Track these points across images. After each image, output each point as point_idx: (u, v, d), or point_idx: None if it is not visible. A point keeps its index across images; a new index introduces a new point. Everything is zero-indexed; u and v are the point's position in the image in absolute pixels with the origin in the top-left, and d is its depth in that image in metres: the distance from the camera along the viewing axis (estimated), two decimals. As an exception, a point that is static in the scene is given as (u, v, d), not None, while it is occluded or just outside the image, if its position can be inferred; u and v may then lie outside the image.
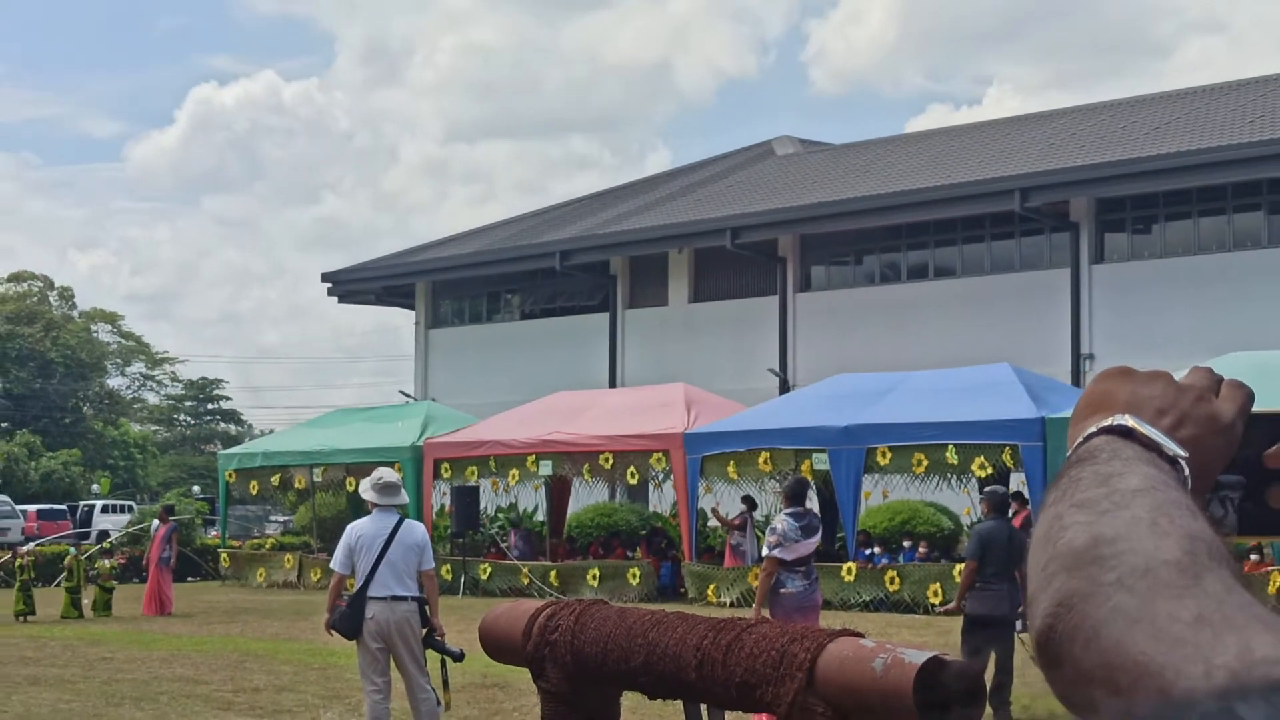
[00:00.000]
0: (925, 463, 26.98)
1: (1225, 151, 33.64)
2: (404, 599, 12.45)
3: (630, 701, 2.58)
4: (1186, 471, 1.09)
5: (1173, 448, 1.11)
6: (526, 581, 31.38)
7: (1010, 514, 27.13)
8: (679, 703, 2.48)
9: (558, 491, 34.76)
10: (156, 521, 31.88)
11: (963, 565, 14.62)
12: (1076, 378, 34.65)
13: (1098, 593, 0.92)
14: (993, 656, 14.29)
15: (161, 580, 29.53)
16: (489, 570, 32.40)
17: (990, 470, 26.28)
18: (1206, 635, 0.86)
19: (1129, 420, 1.12)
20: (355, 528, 12.81)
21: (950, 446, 26.49)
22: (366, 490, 13.08)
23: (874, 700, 2.09)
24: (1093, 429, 1.12)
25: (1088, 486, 1.03)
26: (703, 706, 2.44)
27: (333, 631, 12.78)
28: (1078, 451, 1.10)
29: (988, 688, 14.37)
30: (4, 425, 79.73)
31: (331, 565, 13.23)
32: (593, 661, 2.52)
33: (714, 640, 2.32)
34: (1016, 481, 27.31)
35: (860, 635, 2.19)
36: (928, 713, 2.02)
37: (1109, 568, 0.93)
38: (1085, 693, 0.89)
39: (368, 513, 12.94)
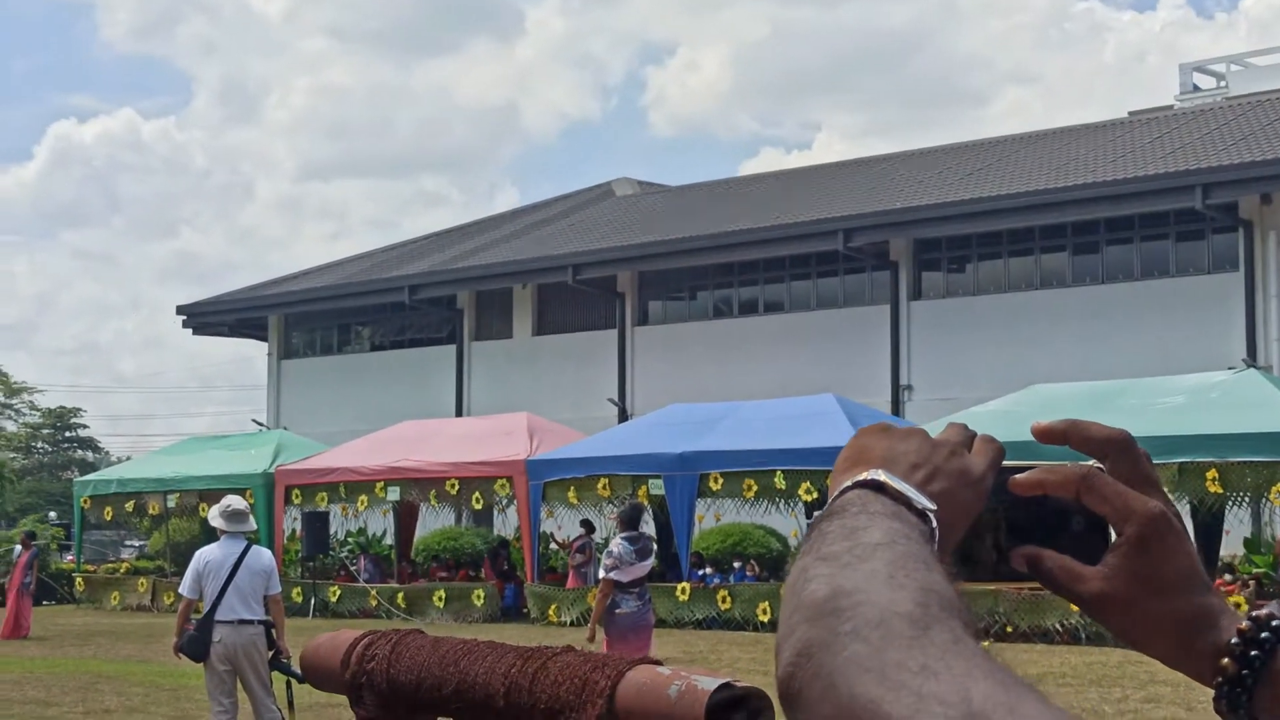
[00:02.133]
0: (755, 488, 27.18)
1: (1033, 196, 34.37)
2: (251, 622, 12.32)
3: (446, 727, 2.55)
4: (934, 524, 1.10)
5: (921, 501, 1.11)
6: (375, 604, 31.11)
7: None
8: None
9: (406, 516, 34.51)
10: (19, 547, 31.17)
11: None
12: (896, 407, 35.16)
13: (834, 642, 0.92)
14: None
15: (20, 605, 28.83)
16: (339, 593, 32.07)
17: (816, 494, 26.55)
18: (930, 683, 0.86)
19: (881, 475, 1.12)
20: (203, 554, 12.66)
21: (779, 472, 26.71)
22: (215, 517, 12.95)
23: (669, 725, 2.08)
24: (847, 483, 1.13)
25: (834, 540, 1.03)
26: (511, 733, 2.40)
27: (181, 655, 12.62)
28: (831, 505, 1.11)
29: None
30: None
31: (180, 590, 13.05)
32: (407, 689, 2.48)
33: (521, 668, 2.29)
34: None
35: (659, 663, 2.18)
36: (720, 737, 2.02)
37: (846, 618, 0.94)
38: None
39: (218, 539, 12.80)
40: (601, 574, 14.97)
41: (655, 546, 16.71)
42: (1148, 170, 33.95)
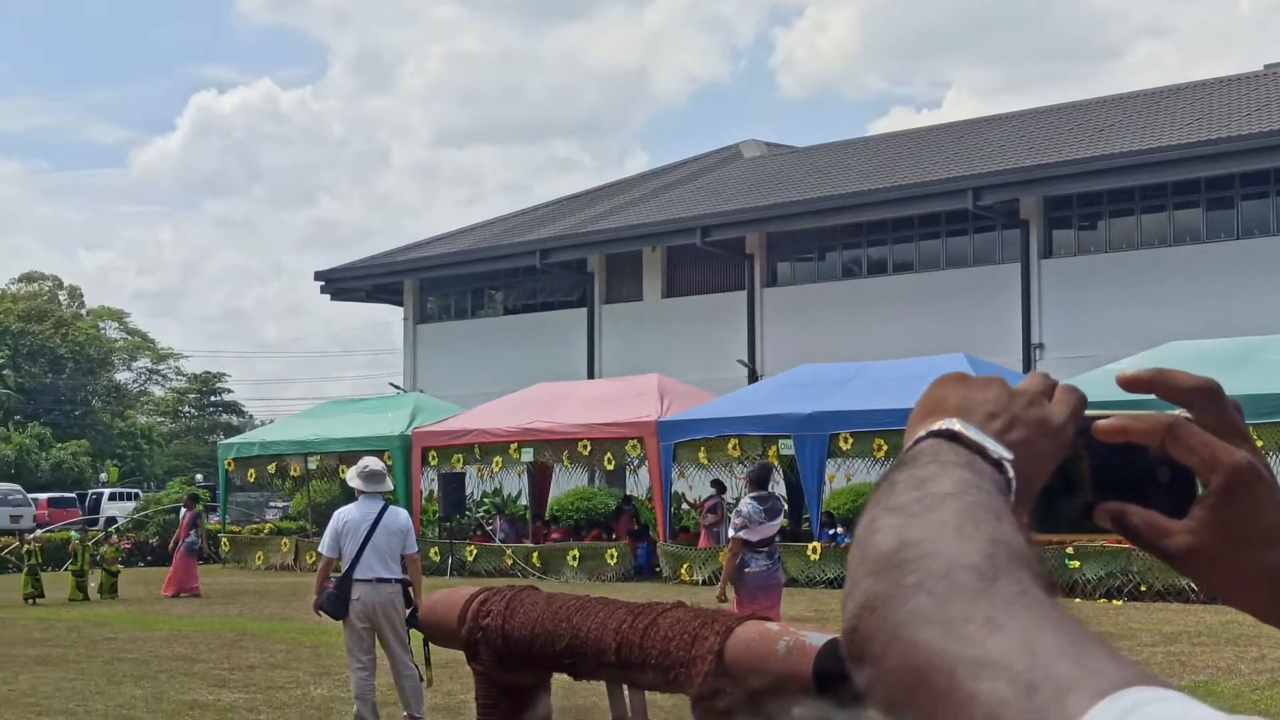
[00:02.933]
0: (885, 447, 27.00)
1: (1166, 152, 33.74)
2: (388, 581, 12.46)
3: (562, 681, 2.57)
4: (1010, 474, 1.08)
5: (998, 450, 1.08)
6: (510, 563, 31.38)
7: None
8: (602, 684, 2.48)
9: (539, 477, 34.75)
10: (183, 509, 31.78)
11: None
12: (1027, 366, 34.73)
13: (899, 594, 0.91)
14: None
15: (186, 563, 29.41)
16: (474, 552, 32.41)
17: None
18: (995, 636, 0.85)
19: (955, 424, 1.10)
20: (342, 514, 12.82)
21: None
22: (352, 478, 13.10)
23: (778, 679, 2.09)
24: (921, 433, 1.11)
25: (903, 490, 1.01)
26: (623, 688, 2.43)
27: (320, 612, 12.80)
28: (903, 455, 1.09)
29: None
30: (16, 418, 79.50)
31: (319, 549, 13.24)
32: (521, 645, 2.51)
33: (632, 624, 2.31)
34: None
35: (767, 619, 2.18)
36: (826, 690, 2.01)
37: (911, 570, 0.92)
38: (886, 690, 0.88)
39: (356, 499, 12.96)
40: (730, 533, 15.00)
41: (784, 506, 16.71)
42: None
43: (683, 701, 2.23)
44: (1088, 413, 1.20)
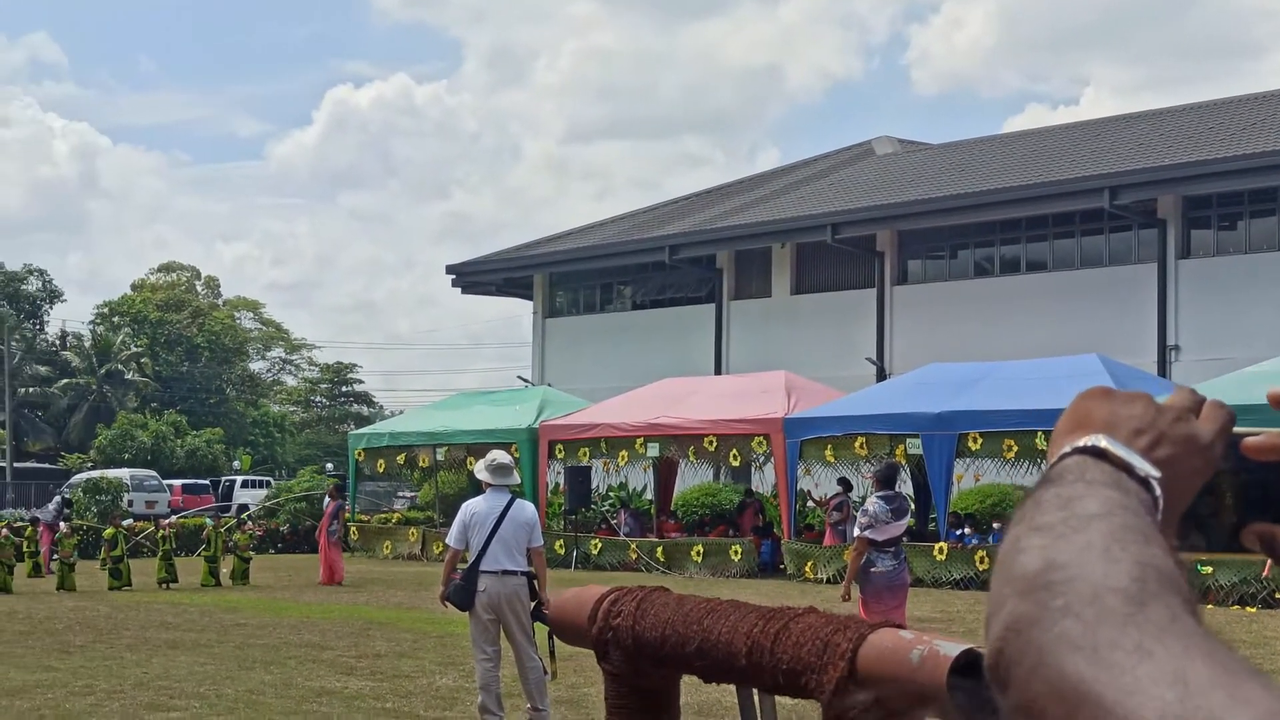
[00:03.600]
0: (1015, 448, 26.78)
1: (1310, 151, 33.12)
2: (514, 574, 12.52)
3: (689, 683, 2.57)
4: (1157, 492, 1.05)
5: (1144, 467, 1.06)
6: (635, 557, 31.48)
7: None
8: (733, 686, 2.47)
9: (665, 472, 34.82)
10: (327, 498, 32.20)
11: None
12: (1163, 369, 34.23)
13: (1045, 617, 0.89)
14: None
15: (331, 552, 29.82)
16: (599, 546, 32.53)
17: (1078, 456, 26.03)
18: (1145, 664, 0.83)
19: (1102, 440, 1.08)
20: (469, 506, 12.90)
21: (1040, 433, 26.22)
22: (481, 471, 13.17)
23: (911, 689, 2.06)
24: (1067, 449, 1.09)
25: (1048, 509, 1.00)
26: (753, 692, 2.41)
27: (447, 603, 12.88)
28: (1048, 472, 1.07)
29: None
30: (153, 405, 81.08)
31: (447, 541, 13.34)
32: (652, 646, 2.50)
33: (763, 629, 2.29)
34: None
35: (901, 627, 2.15)
36: (960, 702, 1.99)
37: (1058, 593, 0.90)
38: (1030, 715, 0.87)
39: (484, 491, 13.04)
40: (856, 532, 14.92)
41: (911, 506, 16.59)
42: None
43: (812, 707, 2.22)
44: (1236, 430, 1.18)
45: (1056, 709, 0.84)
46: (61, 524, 32.19)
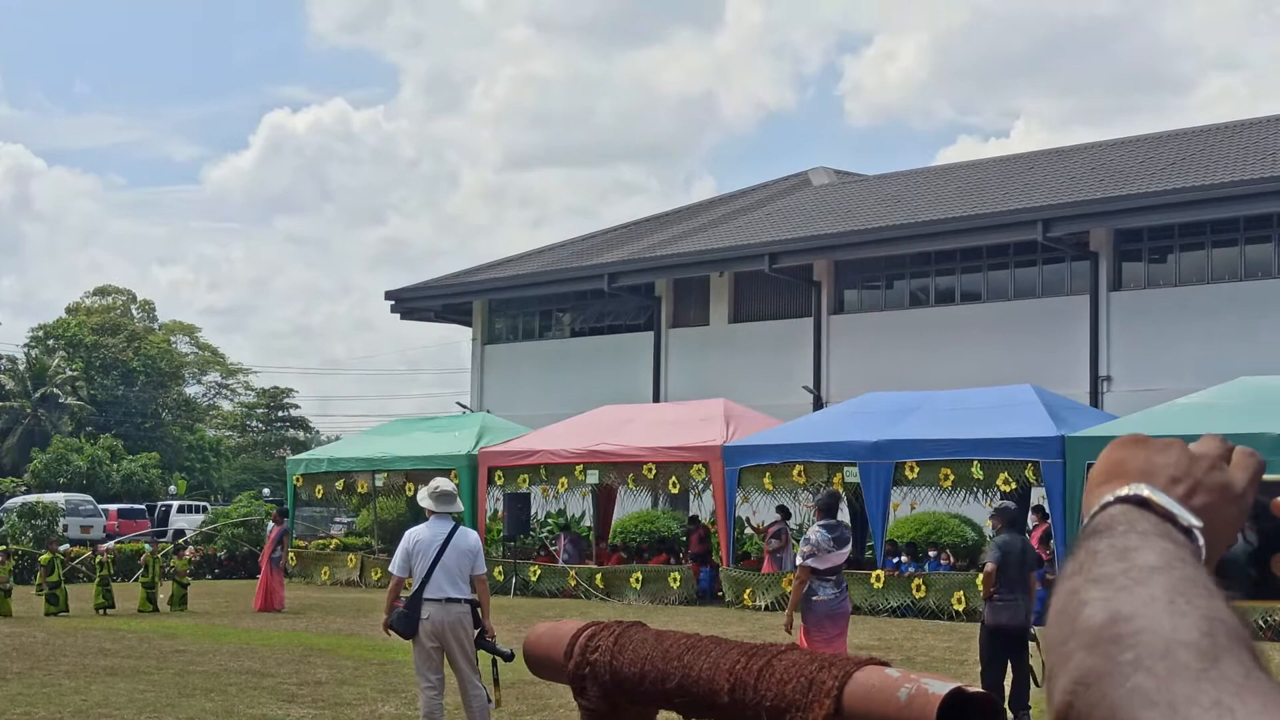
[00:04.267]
0: (952, 477, 26.90)
1: (1238, 186, 33.42)
2: (458, 601, 12.48)
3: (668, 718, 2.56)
4: (1201, 541, 1.06)
5: (1188, 518, 1.06)
6: (573, 584, 31.39)
7: (1031, 527, 27.17)
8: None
9: (604, 499, 34.77)
10: (271, 523, 31.83)
11: (983, 572, 14.60)
12: (1095, 399, 34.48)
13: (1116, 672, 0.88)
14: (1009, 664, 14.26)
15: (273, 579, 29.35)
16: (538, 573, 32.43)
17: (1014, 485, 26.20)
18: None
19: (1145, 490, 1.08)
20: (413, 533, 12.84)
21: (975, 462, 26.41)
22: (424, 498, 13.11)
23: (898, 728, 2.06)
24: (1109, 498, 1.08)
25: (1105, 561, 0.99)
26: (734, 728, 2.40)
27: (390, 631, 12.83)
28: (1094, 521, 1.06)
29: (1007, 701, 14.34)
30: (88, 429, 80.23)
31: (390, 568, 13.26)
32: (630, 682, 2.49)
33: (746, 665, 2.28)
34: (1037, 496, 27.22)
35: (886, 664, 2.15)
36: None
37: (1127, 646, 0.90)
38: None
39: (425, 518, 12.98)
40: (799, 561, 14.92)
41: (851, 535, 16.62)
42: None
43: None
44: (1266, 477, 1.18)
45: None
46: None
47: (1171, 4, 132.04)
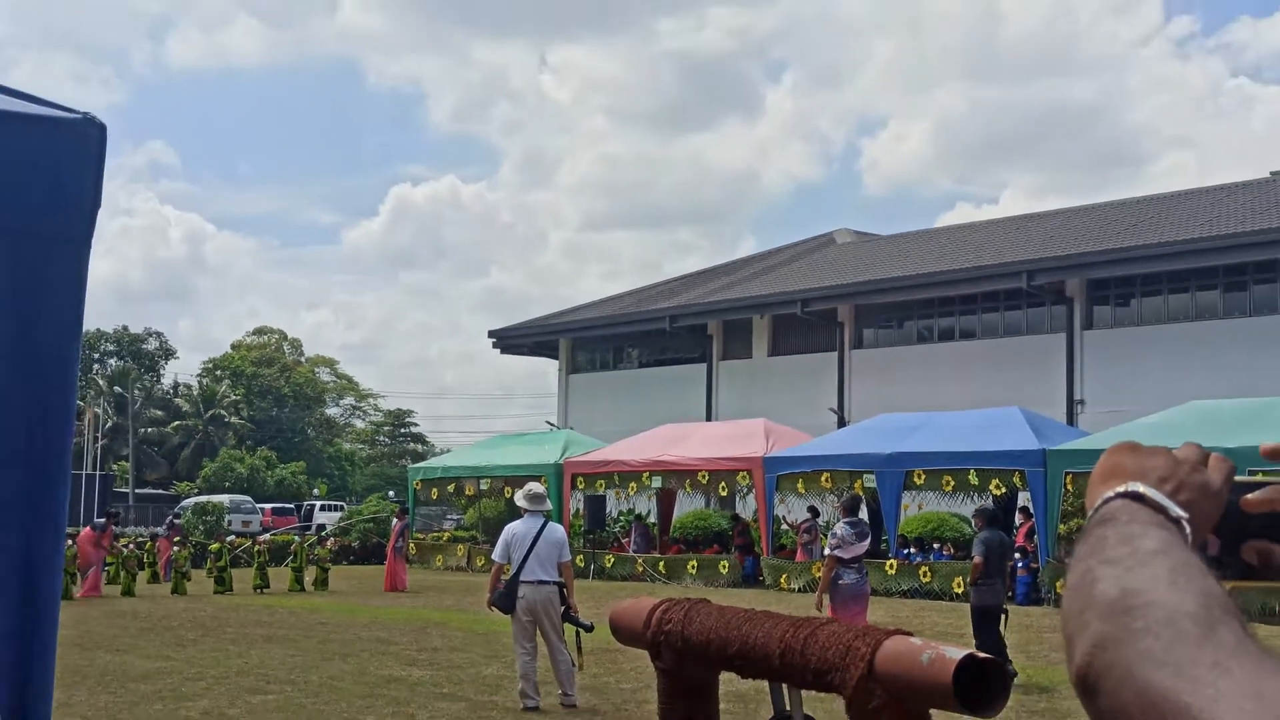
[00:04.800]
0: (952, 483, 26.69)
1: (1190, 244, 33.18)
2: (547, 583, 12.47)
3: (726, 677, 2.55)
4: (1188, 530, 1.05)
5: (1176, 511, 1.06)
6: (640, 569, 31.32)
7: (1019, 524, 26.90)
8: (765, 682, 2.44)
9: (665, 500, 34.68)
10: (395, 519, 31.95)
11: (972, 563, 14.48)
12: (1070, 419, 34.14)
13: (1128, 637, 0.88)
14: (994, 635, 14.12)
15: (397, 565, 29.44)
16: (612, 560, 32.38)
17: (1004, 490, 25.97)
18: (1224, 679, 0.82)
19: (1140, 487, 1.07)
20: (511, 528, 12.85)
21: (972, 470, 26.19)
22: (520, 499, 13.12)
23: (921, 687, 2.05)
24: (1110, 493, 1.08)
25: (1113, 546, 0.98)
26: (784, 686, 2.39)
27: (492, 607, 12.83)
28: (1099, 513, 1.06)
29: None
30: (248, 443, 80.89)
31: (493, 556, 13.28)
32: (698, 648, 2.48)
33: (794, 634, 2.27)
34: (1023, 499, 26.93)
35: (910, 635, 2.13)
36: (965, 700, 1.97)
37: (1137, 616, 0.89)
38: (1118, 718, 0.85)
39: (521, 515, 12.98)
40: (827, 551, 14.83)
41: (869, 530, 16.49)
42: (1289, 221, 32.56)
43: (833, 699, 2.20)
44: (1235, 479, 1.18)
45: (1146, 715, 0.83)
46: (175, 539, 32.07)
47: (1134, 94, 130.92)
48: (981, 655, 1.98)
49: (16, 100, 2.79)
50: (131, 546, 29.67)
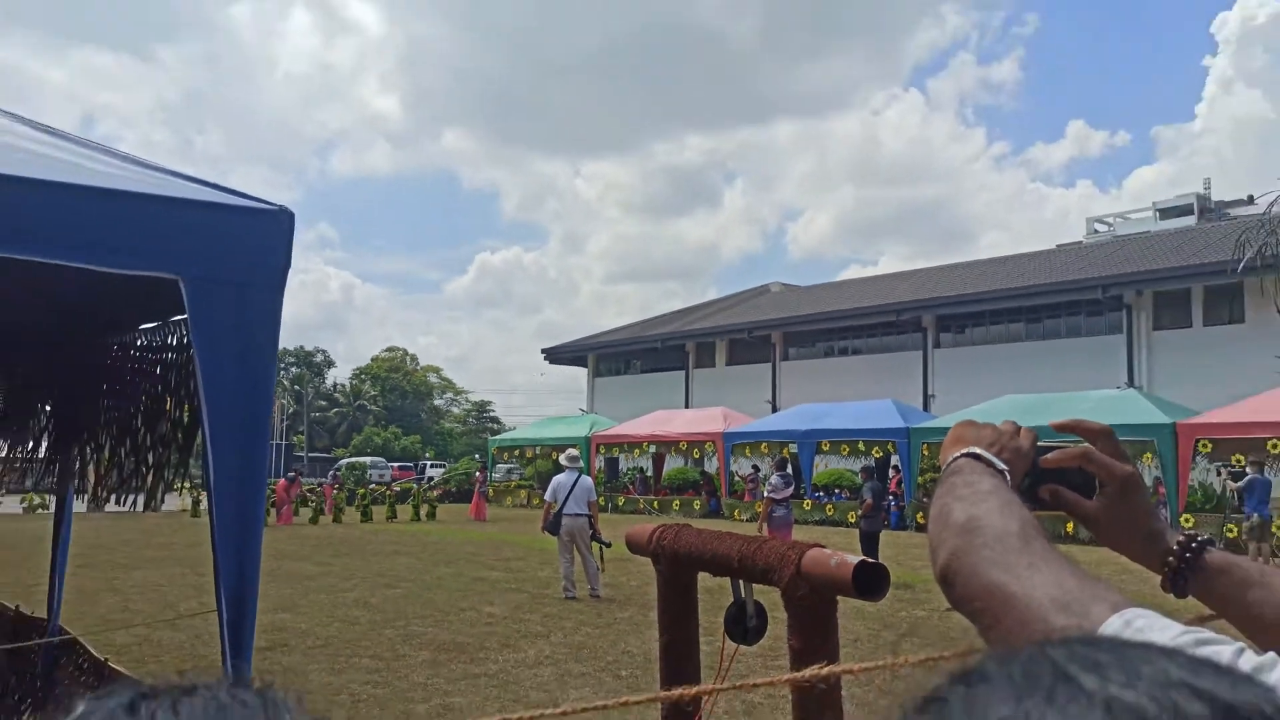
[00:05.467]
0: (847, 449, 26.58)
1: (1004, 292, 33.15)
2: (581, 515, 12.46)
3: (703, 577, 2.54)
4: (1008, 479, 1.05)
5: (1000, 465, 1.06)
6: (641, 506, 31.18)
7: (891, 476, 26.78)
8: (728, 579, 2.44)
9: (658, 461, 34.58)
10: (478, 473, 31.92)
11: (862, 504, 14.41)
12: (926, 407, 34.01)
13: (973, 548, 0.88)
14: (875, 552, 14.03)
15: (481, 502, 29.25)
16: (623, 500, 32.21)
17: (881, 454, 25.86)
18: (1036, 574, 0.82)
19: (977, 449, 1.08)
20: (557, 479, 12.85)
21: (860, 441, 26.10)
22: (563, 460, 13.13)
23: (831, 581, 2.05)
24: (957, 454, 1.08)
25: (961, 488, 0.99)
26: (740, 581, 2.39)
27: (545, 532, 12.81)
28: (949, 467, 1.06)
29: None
30: (383, 423, 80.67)
31: (545, 497, 13.26)
32: (683, 557, 2.48)
33: (747, 547, 2.27)
34: (895, 460, 26.82)
35: (823, 547, 2.14)
36: (860, 589, 1.97)
37: (979, 534, 0.89)
38: (968, 606, 0.86)
39: (562, 470, 12.97)
40: (765, 493, 14.81)
41: (794, 480, 16.43)
42: (1065, 277, 32.49)
43: (773, 591, 2.19)
44: (1040, 443, 1.18)
45: (986, 602, 0.83)
46: (335, 486, 31.92)
47: (966, 192, 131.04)
48: (870, 560, 1.99)
49: (236, 197, 2.82)
50: (308, 493, 29.53)
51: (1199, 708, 0.38)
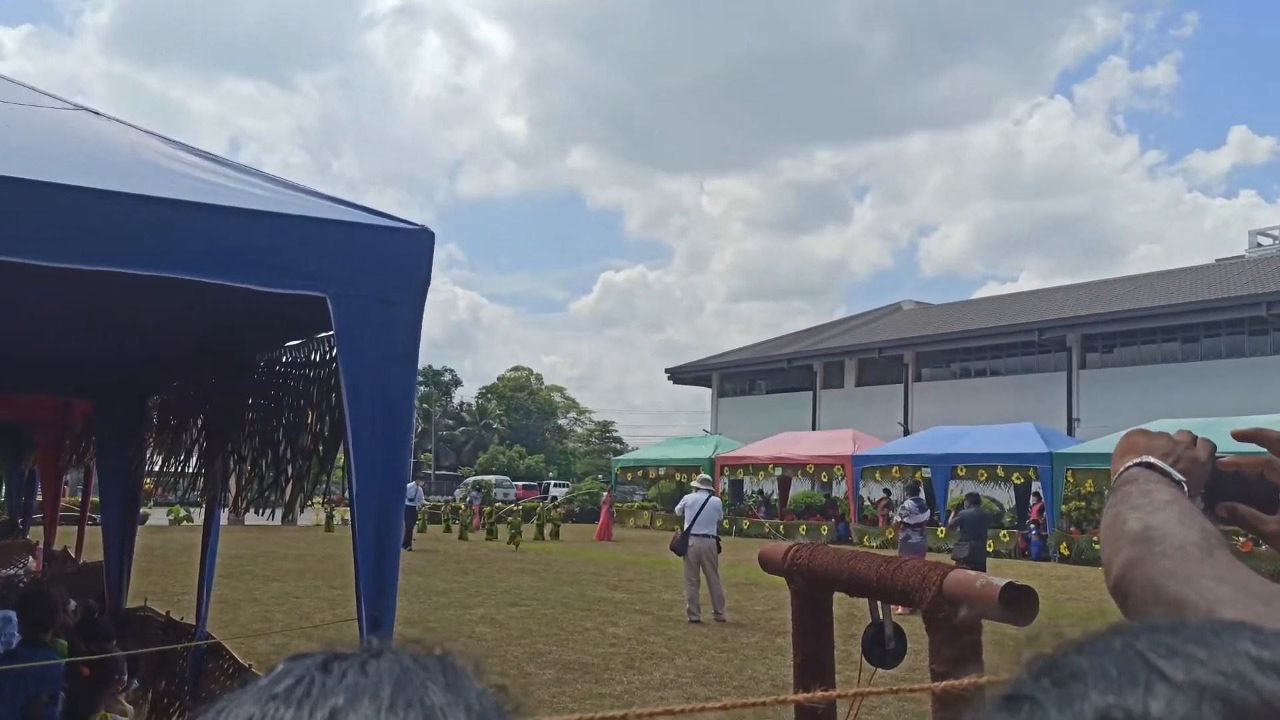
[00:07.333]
0: (985, 475, 25.75)
1: (1157, 309, 31.62)
2: (708, 536, 12.44)
3: (838, 597, 2.52)
4: (1186, 490, 1.02)
5: (1177, 475, 1.03)
6: (767, 530, 30.89)
7: (1032, 504, 25.74)
8: (865, 599, 2.41)
9: (784, 484, 34.21)
10: (604, 492, 32.27)
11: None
12: (1070, 431, 32.67)
13: (1150, 558, 0.85)
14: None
15: (606, 522, 29.49)
16: (748, 523, 32.00)
17: (1022, 480, 24.95)
18: (1221, 588, 0.79)
19: (1151, 459, 1.05)
20: (687, 498, 12.88)
21: (999, 466, 25.25)
22: (695, 482, 13.23)
23: (975, 602, 2.00)
24: (1129, 463, 1.05)
25: (1135, 498, 0.96)
26: (878, 602, 2.36)
27: (672, 551, 12.82)
28: (1121, 477, 1.03)
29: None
30: (507, 441, 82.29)
31: (676, 511, 13.28)
32: (819, 575, 2.46)
33: (885, 568, 2.25)
34: (1037, 486, 25.84)
35: (966, 568, 2.09)
36: (1007, 610, 1.93)
37: (1157, 543, 0.86)
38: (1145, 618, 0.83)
39: (691, 491, 12.97)
40: (896, 519, 14.49)
41: (927, 506, 16.01)
42: (1226, 293, 30.75)
43: (914, 620, 2.15)
44: (1216, 455, 1.14)
45: (1165, 612, 0.81)
46: (483, 504, 32.57)
47: (1116, 205, 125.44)
48: (1020, 583, 1.94)
49: (379, 217, 2.96)
50: (446, 508, 30.28)
51: None
